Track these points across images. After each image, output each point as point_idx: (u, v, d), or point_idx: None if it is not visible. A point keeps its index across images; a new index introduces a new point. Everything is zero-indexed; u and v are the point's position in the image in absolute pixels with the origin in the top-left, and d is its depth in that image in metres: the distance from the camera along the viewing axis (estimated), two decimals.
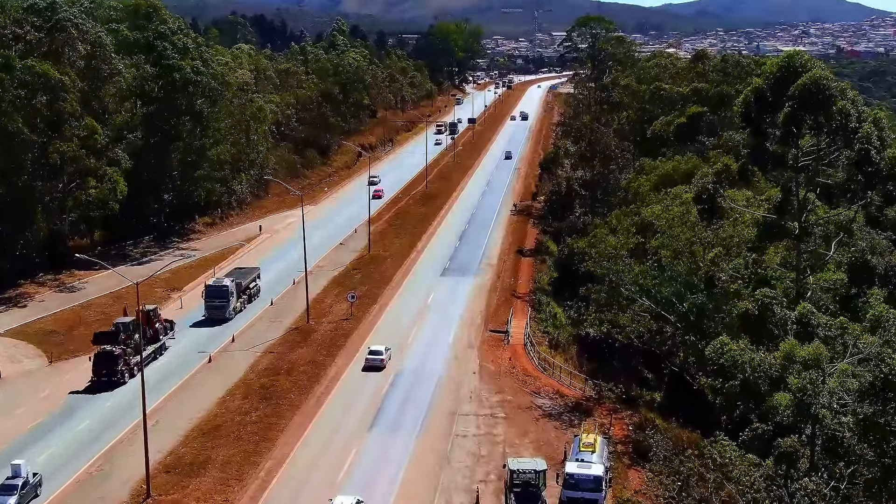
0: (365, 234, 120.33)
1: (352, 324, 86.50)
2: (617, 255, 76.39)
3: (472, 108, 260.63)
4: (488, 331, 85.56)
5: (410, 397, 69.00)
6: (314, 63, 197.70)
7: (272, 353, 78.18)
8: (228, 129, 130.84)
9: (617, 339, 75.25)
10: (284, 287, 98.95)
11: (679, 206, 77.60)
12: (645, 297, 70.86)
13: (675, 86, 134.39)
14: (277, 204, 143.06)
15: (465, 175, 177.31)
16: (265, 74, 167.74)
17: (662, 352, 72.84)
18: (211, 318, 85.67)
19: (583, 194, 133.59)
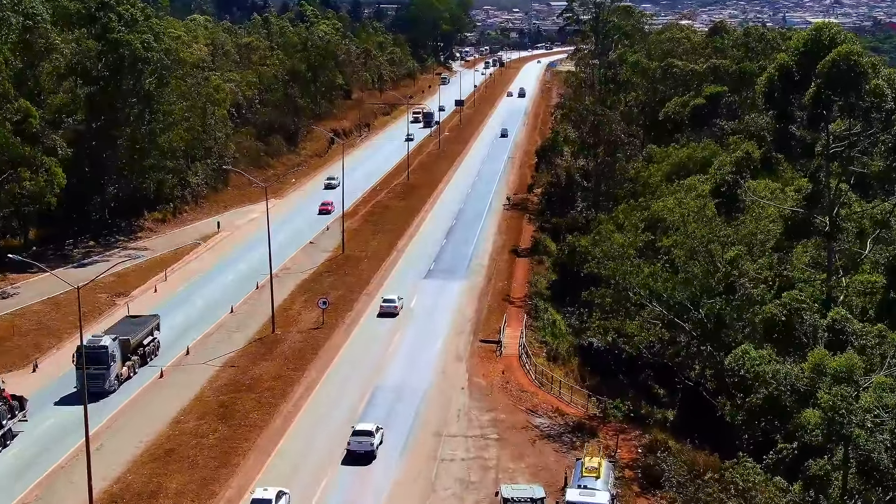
0: (338, 231, 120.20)
1: (323, 333, 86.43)
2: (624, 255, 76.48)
3: (459, 88, 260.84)
4: (479, 341, 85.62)
5: (390, 417, 68.96)
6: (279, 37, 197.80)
7: (233, 367, 78.02)
8: (182, 112, 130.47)
9: (624, 350, 75.41)
10: (246, 292, 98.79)
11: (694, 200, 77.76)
12: (656, 302, 71.00)
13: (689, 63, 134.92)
14: (238, 197, 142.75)
15: (451, 164, 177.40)
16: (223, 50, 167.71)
17: (675, 364, 73.01)
18: (88, 391, 60.07)
19: (585, 186, 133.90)
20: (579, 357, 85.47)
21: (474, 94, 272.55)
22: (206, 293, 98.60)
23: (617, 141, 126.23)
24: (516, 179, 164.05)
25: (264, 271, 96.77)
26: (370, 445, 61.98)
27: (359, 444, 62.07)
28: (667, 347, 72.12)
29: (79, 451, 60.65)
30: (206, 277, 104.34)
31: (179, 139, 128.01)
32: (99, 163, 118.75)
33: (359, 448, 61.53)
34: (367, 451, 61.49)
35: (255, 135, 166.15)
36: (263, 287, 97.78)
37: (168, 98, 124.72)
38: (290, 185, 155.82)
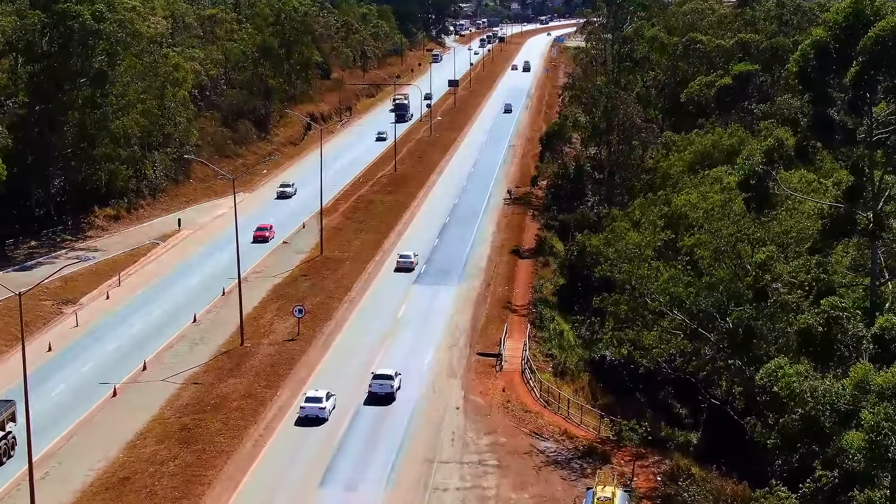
0: (316, 229, 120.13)
1: (299, 345, 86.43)
2: (640, 257, 76.56)
3: (453, 66, 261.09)
4: (476, 354, 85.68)
5: (375, 441, 68.95)
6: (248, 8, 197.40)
7: (196, 385, 77.97)
8: (137, 94, 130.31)
9: (641, 365, 75.50)
10: (211, 299, 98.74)
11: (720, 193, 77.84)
12: (676, 310, 71.07)
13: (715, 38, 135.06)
14: (202, 191, 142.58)
15: (445, 153, 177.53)
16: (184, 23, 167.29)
17: (699, 380, 73.12)
18: None
19: (597, 178, 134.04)
20: (590, 372, 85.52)
21: (470, 73, 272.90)
22: (166, 300, 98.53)
23: (632, 126, 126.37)
24: (518, 170, 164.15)
25: (232, 275, 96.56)
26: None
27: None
28: (689, 361, 72.22)
29: (21, 480, 60.54)
30: (166, 282, 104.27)
31: (135, 125, 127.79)
32: (43, 152, 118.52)
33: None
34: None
35: (220, 120, 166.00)
36: (231, 293, 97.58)
37: (122, 78, 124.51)
38: (260, 176, 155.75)
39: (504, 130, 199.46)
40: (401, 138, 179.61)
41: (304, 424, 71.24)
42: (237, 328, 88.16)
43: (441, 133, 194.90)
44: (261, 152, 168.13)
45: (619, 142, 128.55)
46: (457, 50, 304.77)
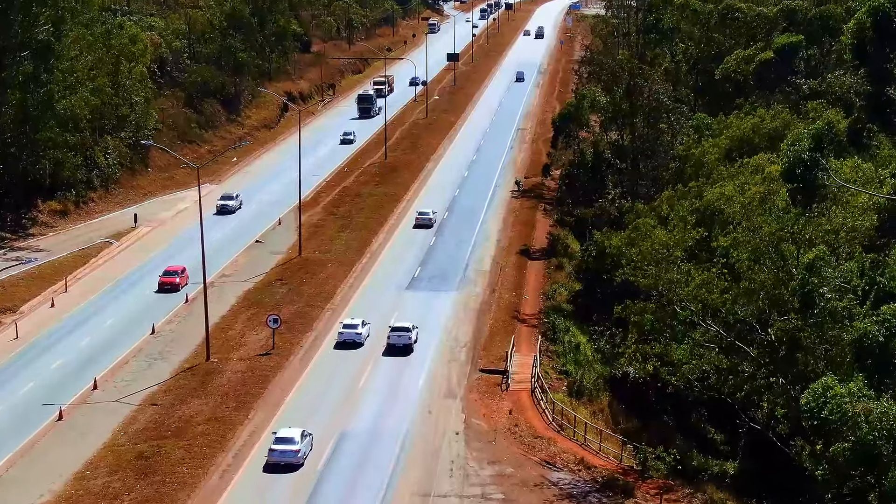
0: (294, 226, 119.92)
1: (274, 361, 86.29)
2: (669, 258, 76.48)
3: (453, 37, 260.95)
4: (478, 371, 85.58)
5: (362, 470, 68.84)
6: None
7: (155, 406, 77.84)
8: (87, 70, 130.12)
9: (669, 383, 75.38)
10: (173, 307, 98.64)
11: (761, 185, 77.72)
12: (710, 319, 70.94)
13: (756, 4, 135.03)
14: (162, 182, 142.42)
15: (443, 138, 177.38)
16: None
17: (737, 401, 72.98)
18: None
19: (618, 167, 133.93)
20: (610, 392, 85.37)
21: (472, 45, 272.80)
22: (120, 308, 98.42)
23: (659, 107, 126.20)
24: (528, 158, 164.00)
25: (196, 280, 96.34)
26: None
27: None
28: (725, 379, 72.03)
29: None
30: (120, 288, 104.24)
31: (84, 105, 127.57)
32: None
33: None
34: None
35: (183, 100, 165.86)
36: (195, 300, 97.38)
37: (69, 51, 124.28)
38: (230, 165, 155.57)
39: (512, 111, 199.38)
40: (392, 121, 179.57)
41: (342, 348, 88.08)
42: (202, 341, 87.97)
43: (438, 115, 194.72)
44: (230, 137, 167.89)
45: (643, 125, 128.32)
46: (457, 19, 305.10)
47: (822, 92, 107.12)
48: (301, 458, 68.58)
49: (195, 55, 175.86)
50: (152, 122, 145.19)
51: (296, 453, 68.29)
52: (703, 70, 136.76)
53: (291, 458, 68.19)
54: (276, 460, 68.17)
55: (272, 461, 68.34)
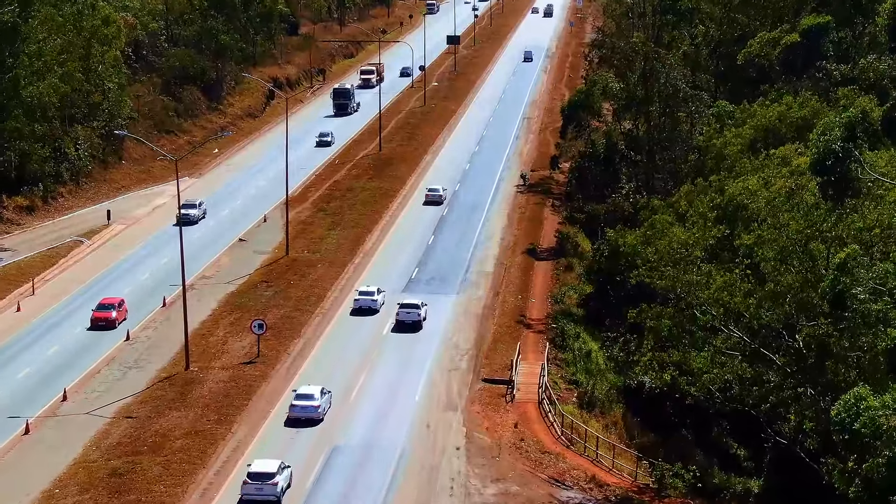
0: (280, 224, 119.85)
1: (259, 370, 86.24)
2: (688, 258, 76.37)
3: (453, 18, 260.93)
4: (481, 381, 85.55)
5: (354, 489, 68.83)
6: None
7: (129, 419, 77.74)
8: (57, 54, 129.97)
9: (688, 394, 75.27)
10: (149, 311, 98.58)
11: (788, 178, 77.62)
12: (733, 325, 70.83)
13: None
14: (137, 175, 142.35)
15: (442, 128, 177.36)
16: None
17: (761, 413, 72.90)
18: None
19: (633, 159, 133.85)
20: (624, 404, 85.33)
21: (475, 27, 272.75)
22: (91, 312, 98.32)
23: (677, 94, 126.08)
24: (535, 149, 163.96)
25: (175, 281, 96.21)
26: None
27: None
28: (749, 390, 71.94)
29: None
30: (92, 290, 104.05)
31: (53, 92, 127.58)
32: None
33: (407, 318, 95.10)
34: (414, 320, 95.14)
35: (161, 86, 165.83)
36: (174, 304, 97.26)
37: (37, 34, 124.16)
38: (211, 157, 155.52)
39: (517, 99, 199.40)
40: (388, 110, 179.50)
41: (358, 314, 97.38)
42: (181, 348, 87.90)
43: (437, 102, 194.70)
44: (211, 126, 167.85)
45: (660, 114, 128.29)
46: None
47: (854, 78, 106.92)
48: (321, 413, 77.26)
49: (173, 38, 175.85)
50: (127, 111, 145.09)
51: (316, 408, 77.16)
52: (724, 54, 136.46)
53: (312, 413, 77.08)
54: (297, 415, 77.04)
55: (293, 416, 77.01)
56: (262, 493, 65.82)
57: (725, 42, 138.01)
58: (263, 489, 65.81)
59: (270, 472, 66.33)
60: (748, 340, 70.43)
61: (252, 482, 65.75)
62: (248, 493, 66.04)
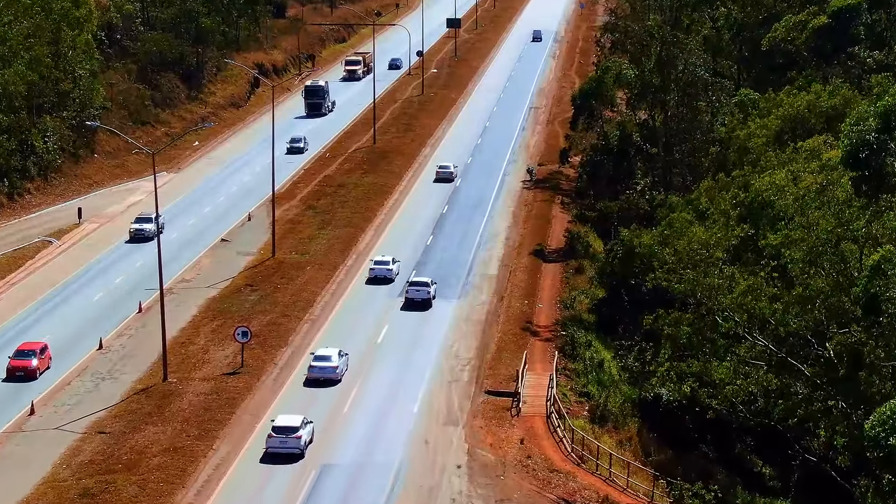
0: (266, 222, 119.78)
1: (243, 381, 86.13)
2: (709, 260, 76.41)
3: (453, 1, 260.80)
4: (484, 393, 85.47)
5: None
6: None
7: (102, 434, 77.58)
8: (23, 38, 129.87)
9: (710, 407, 75.30)
10: (124, 318, 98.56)
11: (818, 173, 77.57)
12: (758, 332, 70.82)
13: None
14: (111, 170, 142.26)
15: (442, 118, 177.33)
16: None
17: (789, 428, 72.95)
18: None
19: (649, 152, 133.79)
20: (640, 418, 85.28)
21: (476, 9, 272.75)
22: (62, 319, 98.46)
23: (698, 82, 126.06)
24: (543, 142, 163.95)
25: (152, 285, 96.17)
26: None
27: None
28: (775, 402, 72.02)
29: None
30: (62, 295, 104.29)
31: (19, 80, 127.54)
32: None
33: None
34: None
35: (136, 73, 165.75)
36: (150, 310, 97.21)
37: (2, 17, 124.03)
38: (191, 150, 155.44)
39: (524, 87, 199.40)
40: (383, 99, 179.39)
41: (373, 284, 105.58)
42: (159, 358, 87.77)
43: (437, 91, 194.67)
44: (191, 117, 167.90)
45: (678, 103, 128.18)
46: None
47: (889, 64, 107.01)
48: (339, 374, 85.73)
49: (150, 21, 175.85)
50: (99, 100, 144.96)
51: (334, 369, 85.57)
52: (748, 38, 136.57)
53: (330, 373, 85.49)
54: (316, 376, 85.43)
55: (312, 377, 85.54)
56: (286, 446, 73.43)
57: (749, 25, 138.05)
58: (288, 442, 73.39)
59: (294, 426, 73.95)
60: (774, 349, 70.45)
61: (276, 435, 73.44)
62: (272, 447, 73.72)
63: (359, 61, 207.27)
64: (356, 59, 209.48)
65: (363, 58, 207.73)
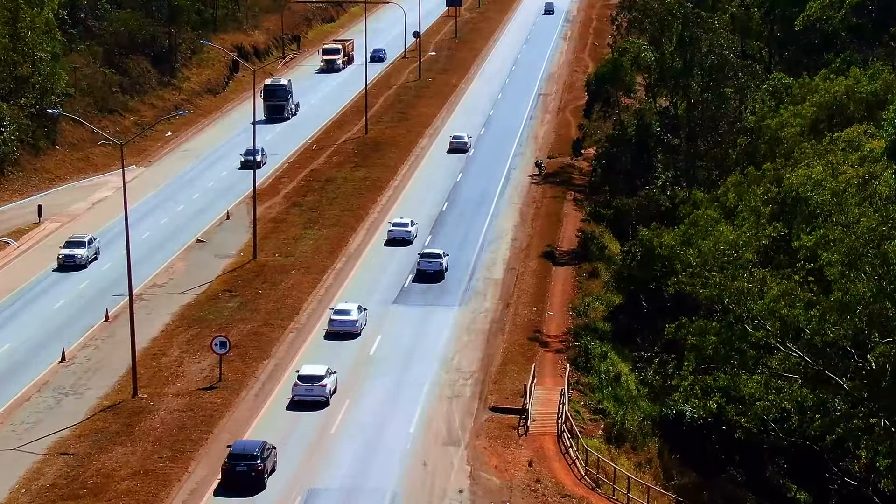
0: (247, 222, 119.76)
1: (221, 397, 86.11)
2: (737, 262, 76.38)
3: None
4: (488, 410, 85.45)
5: None
6: None
7: (66, 456, 77.49)
8: None
9: (738, 425, 75.27)
10: (89, 327, 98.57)
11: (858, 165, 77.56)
12: (792, 342, 70.80)
13: None
14: (75, 163, 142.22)
15: (441, 105, 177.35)
16: None
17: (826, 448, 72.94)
18: None
19: (670, 143, 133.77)
20: (661, 437, 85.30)
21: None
22: (20, 328, 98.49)
23: (725, 65, 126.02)
24: (552, 132, 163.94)
25: (119, 290, 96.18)
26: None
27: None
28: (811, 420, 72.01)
29: None
30: (20, 301, 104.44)
31: None
32: None
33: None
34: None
35: (103, 57, 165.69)
36: (118, 318, 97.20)
37: None
38: (163, 141, 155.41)
39: (531, 71, 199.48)
40: (376, 84, 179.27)
41: (393, 245, 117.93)
42: (128, 371, 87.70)
43: (435, 76, 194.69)
44: (163, 105, 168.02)
45: (703, 89, 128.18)
46: None
47: None
48: (359, 327, 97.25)
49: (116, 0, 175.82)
50: (61, 86, 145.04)
51: (354, 322, 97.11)
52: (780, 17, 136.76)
53: (350, 327, 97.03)
54: (337, 329, 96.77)
55: (332, 330, 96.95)
56: (312, 393, 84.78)
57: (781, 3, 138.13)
58: (314, 390, 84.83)
59: (319, 375, 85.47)
60: (810, 361, 70.38)
61: (303, 384, 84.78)
62: (298, 395, 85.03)
63: (338, 49, 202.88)
64: (335, 47, 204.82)
65: (343, 46, 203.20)
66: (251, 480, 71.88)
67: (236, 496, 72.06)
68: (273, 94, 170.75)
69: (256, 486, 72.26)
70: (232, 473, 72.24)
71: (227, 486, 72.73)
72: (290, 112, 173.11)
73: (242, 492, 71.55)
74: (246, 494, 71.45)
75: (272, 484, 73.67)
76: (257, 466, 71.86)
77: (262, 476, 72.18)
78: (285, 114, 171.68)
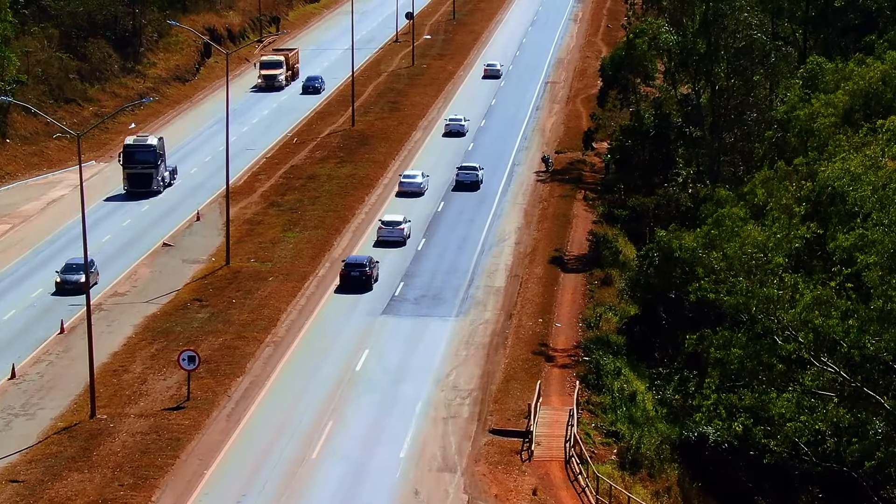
0: (219, 223, 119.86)
1: (189, 417, 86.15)
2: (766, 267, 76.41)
3: None
4: (488, 432, 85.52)
5: None
6: None
7: (15, 484, 77.54)
8: None
9: (767, 449, 75.31)
10: (43, 340, 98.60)
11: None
12: (827, 356, 70.80)
13: None
14: (27, 158, 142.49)
15: (436, 95, 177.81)
16: None
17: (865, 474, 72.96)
18: None
19: (692, 135, 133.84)
20: (681, 463, 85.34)
21: None
22: None
23: (753, 48, 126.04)
24: (561, 123, 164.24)
25: (76, 301, 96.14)
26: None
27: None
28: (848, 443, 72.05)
29: None
30: None
31: None
32: None
33: (466, 178, 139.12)
34: (473, 181, 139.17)
35: (59, 40, 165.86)
36: (75, 330, 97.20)
37: None
38: (126, 133, 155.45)
39: (538, 56, 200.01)
40: (363, 71, 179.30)
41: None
42: (85, 389, 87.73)
43: (430, 62, 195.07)
44: (126, 93, 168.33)
45: (728, 75, 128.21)
46: None
47: None
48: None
49: None
50: (12, 72, 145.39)
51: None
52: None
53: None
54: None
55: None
56: (392, 234, 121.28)
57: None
58: (394, 232, 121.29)
59: (398, 221, 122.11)
60: (847, 377, 70.39)
61: (385, 227, 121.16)
62: (382, 235, 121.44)
63: (279, 62, 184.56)
64: (276, 59, 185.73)
65: (286, 57, 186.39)
66: (361, 283, 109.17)
67: (351, 293, 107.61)
68: (134, 157, 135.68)
69: (365, 287, 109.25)
70: (347, 278, 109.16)
71: (343, 287, 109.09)
72: (160, 185, 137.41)
73: (356, 290, 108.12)
74: (359, 292, 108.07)
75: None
76: (367, 272, 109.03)
77: (370, 280, 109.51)
78: (153, 185, 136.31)
